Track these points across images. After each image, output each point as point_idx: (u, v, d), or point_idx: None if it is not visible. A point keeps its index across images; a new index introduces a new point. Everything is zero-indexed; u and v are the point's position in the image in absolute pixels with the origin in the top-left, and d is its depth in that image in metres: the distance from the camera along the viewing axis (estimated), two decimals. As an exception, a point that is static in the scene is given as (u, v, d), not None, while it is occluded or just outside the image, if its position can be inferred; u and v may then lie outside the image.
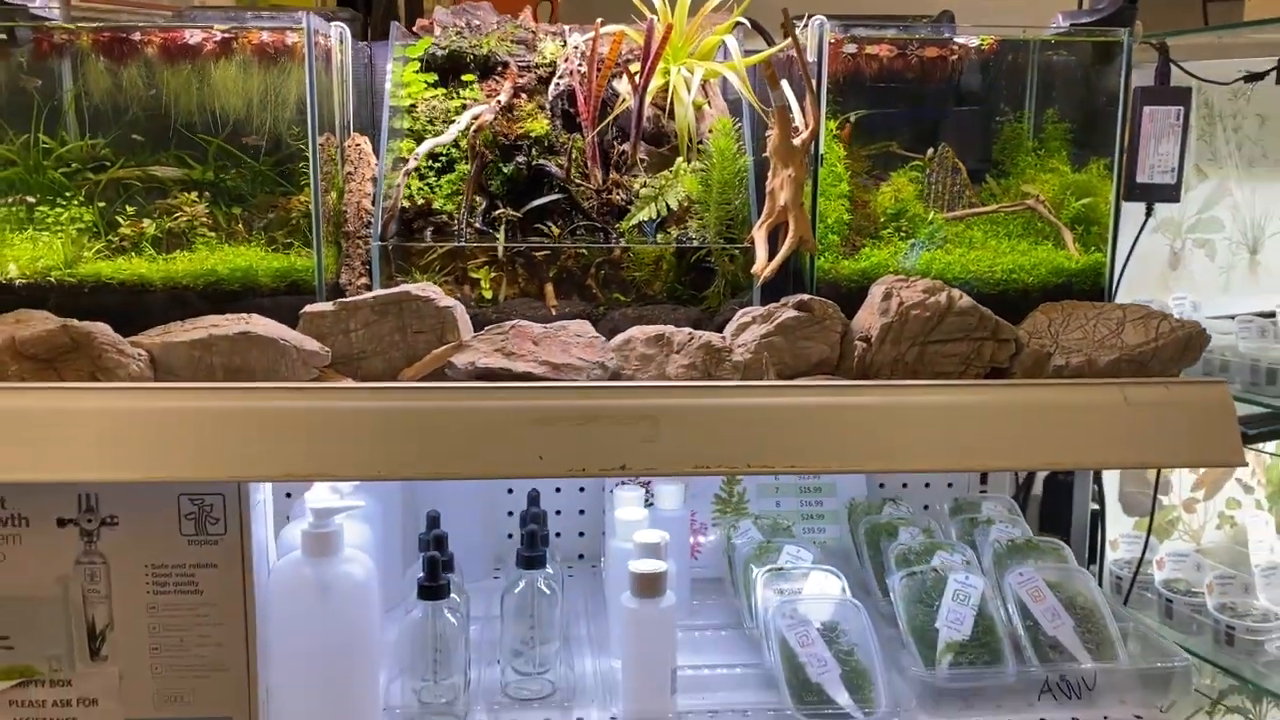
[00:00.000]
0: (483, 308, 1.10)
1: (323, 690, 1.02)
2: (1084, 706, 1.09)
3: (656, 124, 1.23)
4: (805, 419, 0.96)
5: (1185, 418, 0.98)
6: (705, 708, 1.08)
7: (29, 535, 0.96)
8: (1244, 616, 1.46)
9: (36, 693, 0.98)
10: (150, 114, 1.12)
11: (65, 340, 0.93)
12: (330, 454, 0.92)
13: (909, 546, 1.24)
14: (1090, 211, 1.18)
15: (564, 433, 0.94)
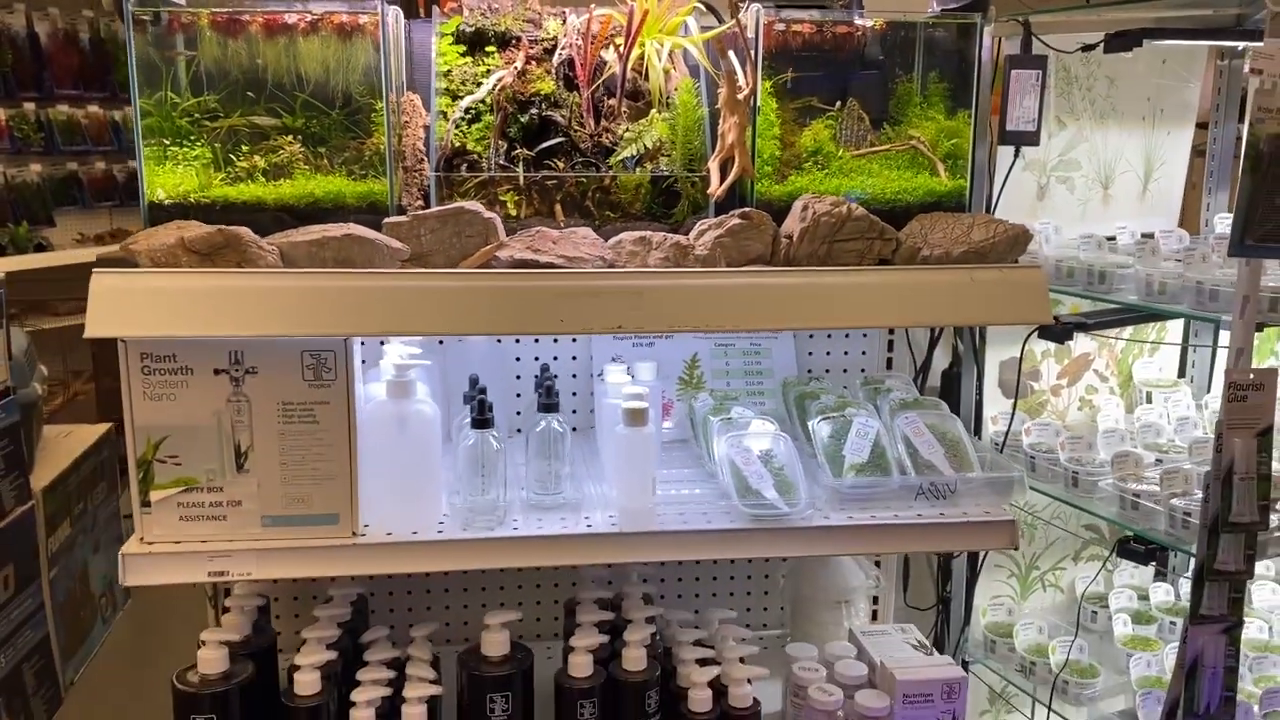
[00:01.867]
0: (509, 222, 1.48)
1: (402, 495, 1.41)
2: (948, 505, 1.51)
3: (634, 84, 1.61)
4: (746, 294, 1.36)
5: (1012, 291, 1.40)
6: (676, 509, 1.48)
7: (193, 381, 1.34)
8: (1086, 465, 1.90)
9: (197, 496, 1.36)
10: (251, 76, 1.48)
11: (220, 239, 1.30)
12: (413, 318, 1.31)
13: (826, 403, 1.65)
14: (957, 149, 1.59)
15: (577, 303, 1.33)
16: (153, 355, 1.33)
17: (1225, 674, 1.57)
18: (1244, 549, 1.53)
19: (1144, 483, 1.78)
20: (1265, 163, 1.43)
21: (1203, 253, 1.73)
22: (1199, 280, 1.67)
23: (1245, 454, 1.50)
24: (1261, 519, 1.52)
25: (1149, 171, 2.19)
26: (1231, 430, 1.49)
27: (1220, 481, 1.51)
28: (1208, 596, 1.55)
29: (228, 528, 1.37)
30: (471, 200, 1.47)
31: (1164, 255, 1.78)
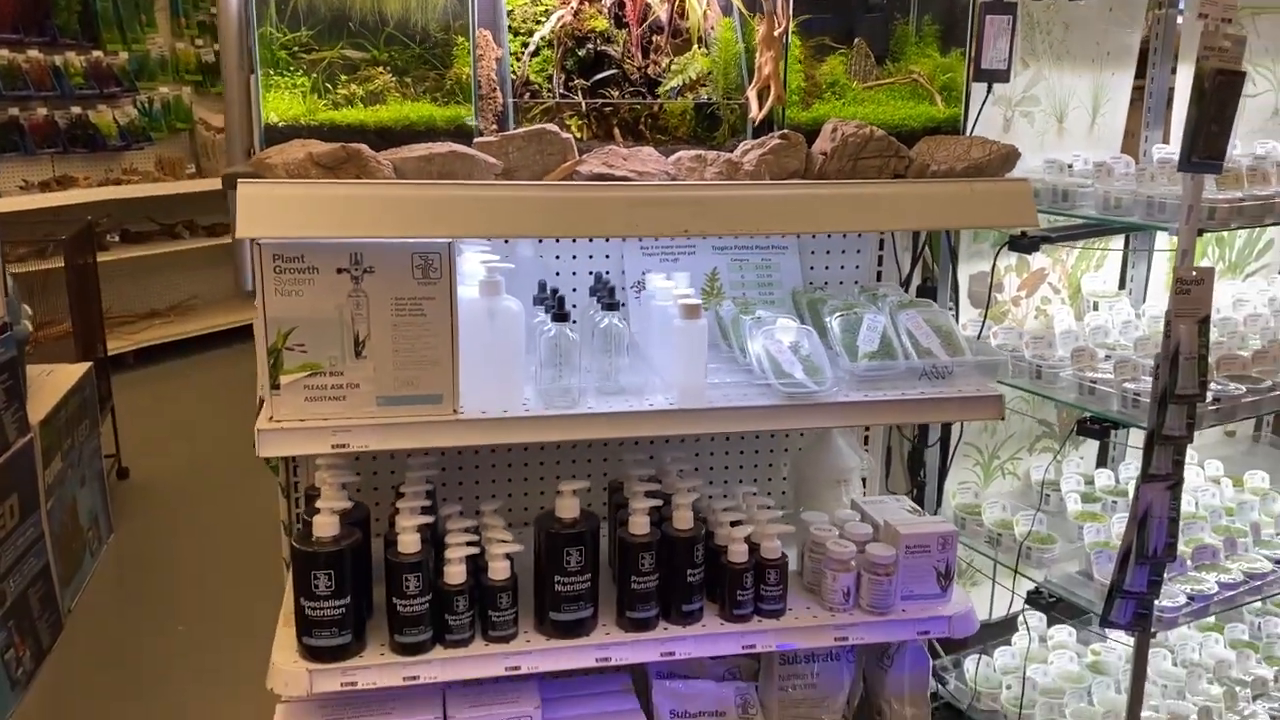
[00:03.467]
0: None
1: (493, 380, 1.64)
2: (946, 385, 1.79)
3: (674, 24, 1.84)
4: (788, 203, 1.61)
5: (1005, 199, 1.67)
6: (721, 392, 1.73)
7: (318, 279, 1.54)
8: (1048, 360, 2.21)
9: (320, 380, 1.57)
10: (338, 15, 1.67)
11: (343, 154, 1.50)
12: (509, 223, 1.53)
13: (836, 305, 1.91)
14: (951, 83, 1.86)
15: (647, 210, 1.57)
16: (284, 256, 1.53)
17: (1169, 524, 1.90)
18: (1186, 418, 1.84)
19: (1099, 372, 2.09)
20: (1208, 93, 1.73)
21: (1150, 173, 2.03)
22: (1149, 195, 1.97)
23: (1189, 338, 1.81)
24: (1200, 392, 1.83)
25: (1096, 108, 2.49)
26: (1178, 318, 1.80)
27: (1169, 361, 1.82)
28: (1156, 459, 1.86)
29: (347, 407, 1.58)
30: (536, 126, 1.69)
31: (1116, 177, 2.08)
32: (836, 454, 2.10)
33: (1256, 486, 2.49)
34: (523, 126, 1.66)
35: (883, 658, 1.97)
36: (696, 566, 1.79)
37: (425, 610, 1.68)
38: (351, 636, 1.67)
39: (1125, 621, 1.95)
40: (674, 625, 1.80)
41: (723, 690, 1.90)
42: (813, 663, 1.93)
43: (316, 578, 1.63)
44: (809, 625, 1.83)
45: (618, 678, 1.96)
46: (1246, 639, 2.60)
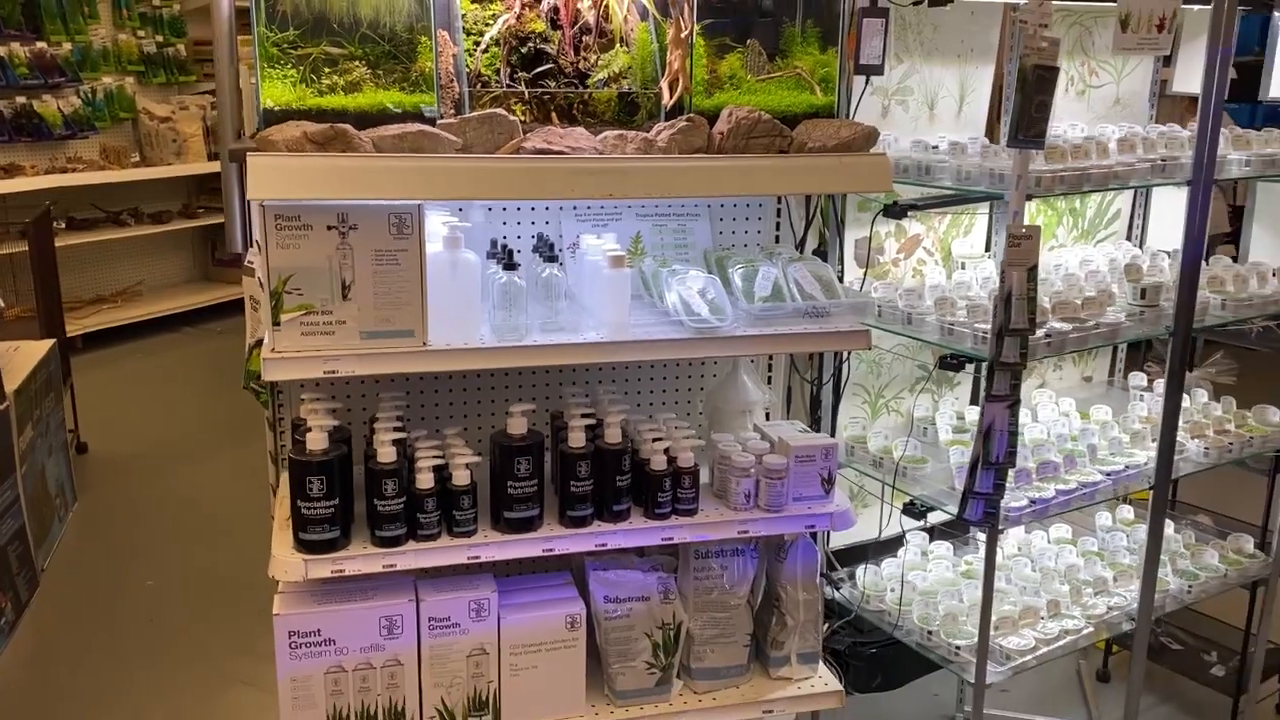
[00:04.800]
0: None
1: (457, 318, 2.00)
2: (825, 322, 2.19)
3: (600, 26, 2.22)
4: (694, 173, 2.00)
5: (868, 170, 2.08)
6: (643, 329, 2.11)
7: (312, 234, 1.89)
8: (917, 309, 2.63)
9: (314, 317, 1.91)
10: (320, 17, 2.01)
11: (331, 133, 1.85)
12: (468, 188, 1.90)
13: (739, 260, 2.31)
14: (828, 76, 2.26)
15: (581, 178, 1.94)
16: (283, 215, 1.87)
17: (1009, 436, 2.33)
18: (1019, 348, 2.27)
19: (957, 316, 2.52)
20: (1030, 85, 2.15)
21: (995, 150, 2.46)
22: (992, 168, 2.40)
23: (1019, 283, 2.23)
24: (1030, 327, 2.26)
25: (963, 96, 2.92)
26: (1010, 266, 2.23)
27: (1004, 302, 2.25)
28: (996, 381, 2.29)
29: (335, 340, 1.93)
30: (487, 110, 2.05)
31: (969, 153, 2.51)
32: (743, 388, 2.50)
33: (1100, 419, 2.94)
34: (476, 111, 2.03)
35: (780, 551, 2.37)
36: (624, 474, 2.18)
37: (400, 510, 2.04)
38: (340, 533, 2.02)
39: (977, 518, 2.38)
40: (606, 523, 2.18)
41: (647, 579, 2.28)
42: (722, 556, 2.33)
43: (310, 483, 1.98)
44: (717, 521, 2.23)
45: (560, 574, 2.34)
46: (1096, 550, 3.06)
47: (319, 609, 2.06)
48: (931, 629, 2.67)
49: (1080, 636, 2.72)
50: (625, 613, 2.26)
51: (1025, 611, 2.70)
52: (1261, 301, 2.84)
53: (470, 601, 2.14)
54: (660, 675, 2.30)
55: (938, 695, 3.49)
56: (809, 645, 2.42)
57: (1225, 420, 3.03)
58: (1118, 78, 3.20)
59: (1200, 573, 3.01)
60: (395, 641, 2.10)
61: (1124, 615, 2.80)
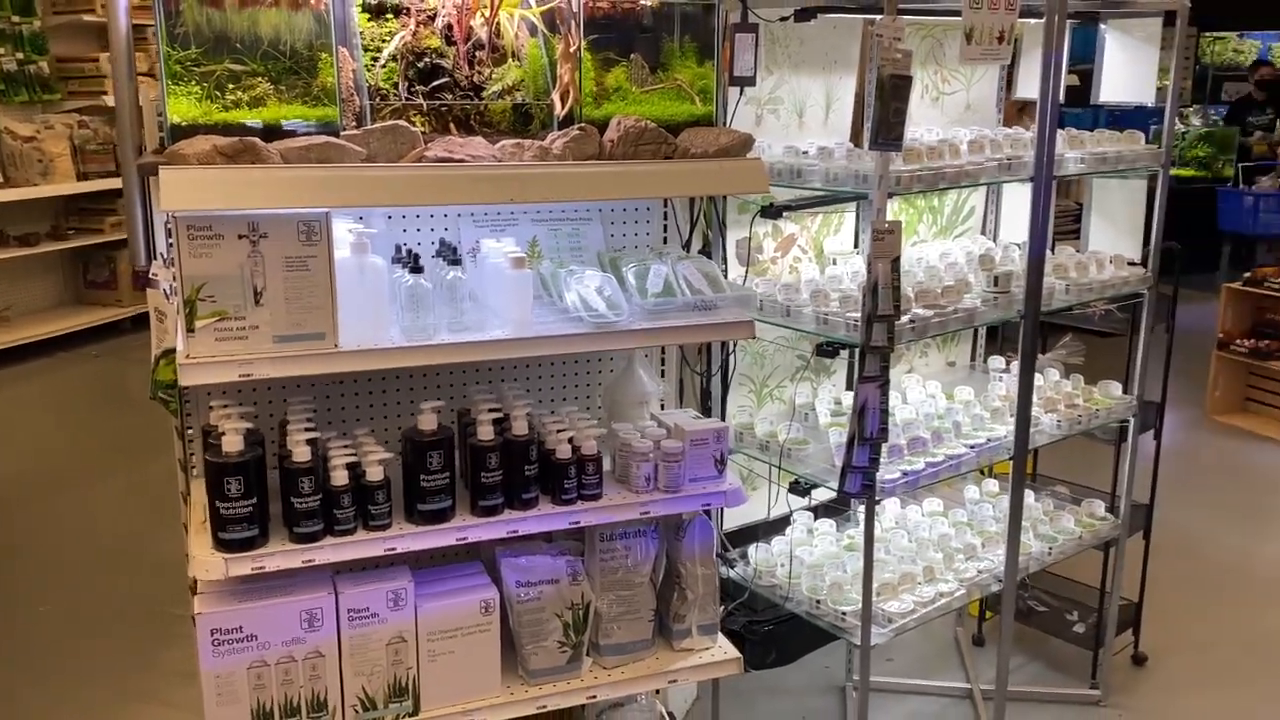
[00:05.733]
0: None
1: (367, 320, 2.10)
2: (713, 315, 2.36)
3: (493, 42, 2.35)
4: (587, 178, 2.15)
5: (745, 173, 2.26)
6: (544, 327, 2.25)
7: (223, 243, 1.96)
8: (795, 301, 2.83)
9: (228, 323, 1.99)
10: (220, 36, 2.09)
11: (241, 146, 1.94)
12: (374, 195, 2.01)
13: (633, 259, 2.46)
14: (706, 87, 2.44)
15: (482, 184, 2.07)
16: (196, 225, 1.95)
17: (881, 414, 2.54)
18: (887, 333, 2.49)
19: (831, 307, 2.73)
20: (887, 92, 2.37)
21: (860, 154, 2.68)
22: (857, 170, 2.61)
23: (885, 273, 2.45)
24: (895, 313, 2.48)
25: (829, 105, 3.14)
26: (876, 258, 2.44)
27: (871, 291, 2.46)
28: (867, 363, 2.50)
29: (249, 344, 2.01)
30: (389, 121, 2.16)
31: (836, 157, 2.72)
32: (639, 381, 2.66)
33: (963, 398, 3.20)
34: (378, 123, 2.13)
35: (678, 530, 2.54)
36: (531, 463, 2.30)
37: (317, 506, 2.12)
38: (258, 531, 2.10)
39: (855, 490, 2.59)
40: (516, 511, 2.30)
41: (556, 563, 2.41)
42: (625, 538, 2.48)
43: (228, 483, 2.05)
44: (620, 504, 2.37)
45: (472, 564, 2.45)
46: (965, 520, 3.32)
47: (240, 606, 2.12)
48: (819, 598, 2.86)
49: (954, 599, 2.96)
50: (536, 595, 2.39)
51: (904, 578, 2.93)
52: (1101, 286, 3.14)
53: (388, 591, 2.23)
54: (571, 653, 2.43)
55: (828, 667, 3.71)
56: (708, 618, 2.59)
57: (1075, 395, 3.33)
58: (968, 85, 3.48)
59: (1059, 536, 3.30)
60: (316, 634, 2.18)
61: (992, 577, 3.05)
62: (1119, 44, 3.24)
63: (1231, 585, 4.40)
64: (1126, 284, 3.23)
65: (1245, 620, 4.11)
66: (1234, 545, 4.77)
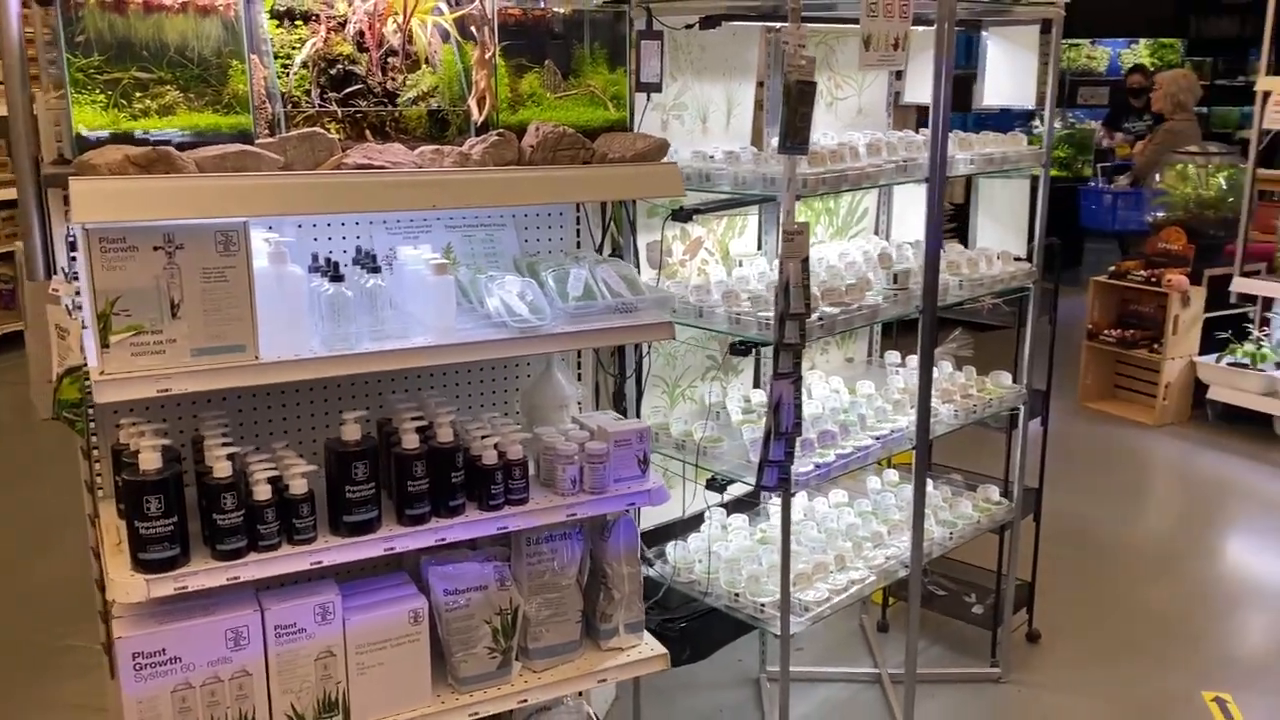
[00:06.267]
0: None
1: (287, 330, 2.07)
2: (633, 317, 2.40)
3: (405, 48, 2.34)
4: (508, 183, 2.16)
5: (662, 177, 2.31)
6: (467, 333, 2.25)
7: (138, 255, 1.91)
8: (707, 302, 2.89)
9: (144, 338, 1.93)
10: (124, 43, 2.03)
11: (154, 155, 1.89)
12: (295, 203, 1.98)
13: (551, 263, 2.48)
14: (619, 93, 2.48)
15: (404, 190, 2.06)
16: (108, 238, 1.89)
17: (795, 408, 2.62)
18: (799, 330, 2.57)
19: (743, 307, 2.79)
20: (793, 98, 2.45)
21: (765, 157, 2.75)
22: (765, 173, 2.69)
23: (796, 273, 2.53)
24: (806, 311, 2.56)
25: (730, 110, 3.22)
26: (786, 259, 2.52)
27: (783, 291, 2.53)
28: (781, 361, 2.58)
29: (167, 358, 1.96)
30: (306, 129, 2.14)
31: (744, 161, 2.79)
32: (558, 385, 2.67)
33: (865, 392, 3.32)
34: (293, 131, 2.10)
35: (603, 531, 2.56)
36: (458, 470, 2.30)
37: (241, 522, 2.08)
38: (180, 550, 2.04)
39: (772, 484, 2.66)
40: (443, 518, 2.29)
41: (484, 569, 2.41)
42: (551, 541, 2.49)
43: (148, 502, 1.99)
44: (547, 507, 2.39)
45: (398, 574, 2.43)
46: (870, 509, 3.44)
47: (162, 628, 2.06)
48: (738, 591, 2.93)
49: (865, 585, 3.07)
50: (465, 603, 2.38)
51: (817, 567, 3.02)
52: (991, 281, 3.30)
53: (315, 606, 2.20)
54: (501, 659, 2.43)
55: (741, 660, 3.78)
56: (634, 616, 2.62)
57: (968, 386, 3.48)
58: (859, 90, 3.61)
59: (959, 521, 3.44)
60: (242, 652, 2.13)
61: (899, 563, 3.17)
62: (1000, 50, 3.41)
63: (1111, 562, 4.65)
64: (1014, 279, 3.40)
65: (1126, 595, 4.36)
66: (1112, 524, 5.04)
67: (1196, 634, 4.04)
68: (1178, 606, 4.26)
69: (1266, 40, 6.07)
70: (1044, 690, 3.67)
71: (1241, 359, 6.16)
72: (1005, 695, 3.65)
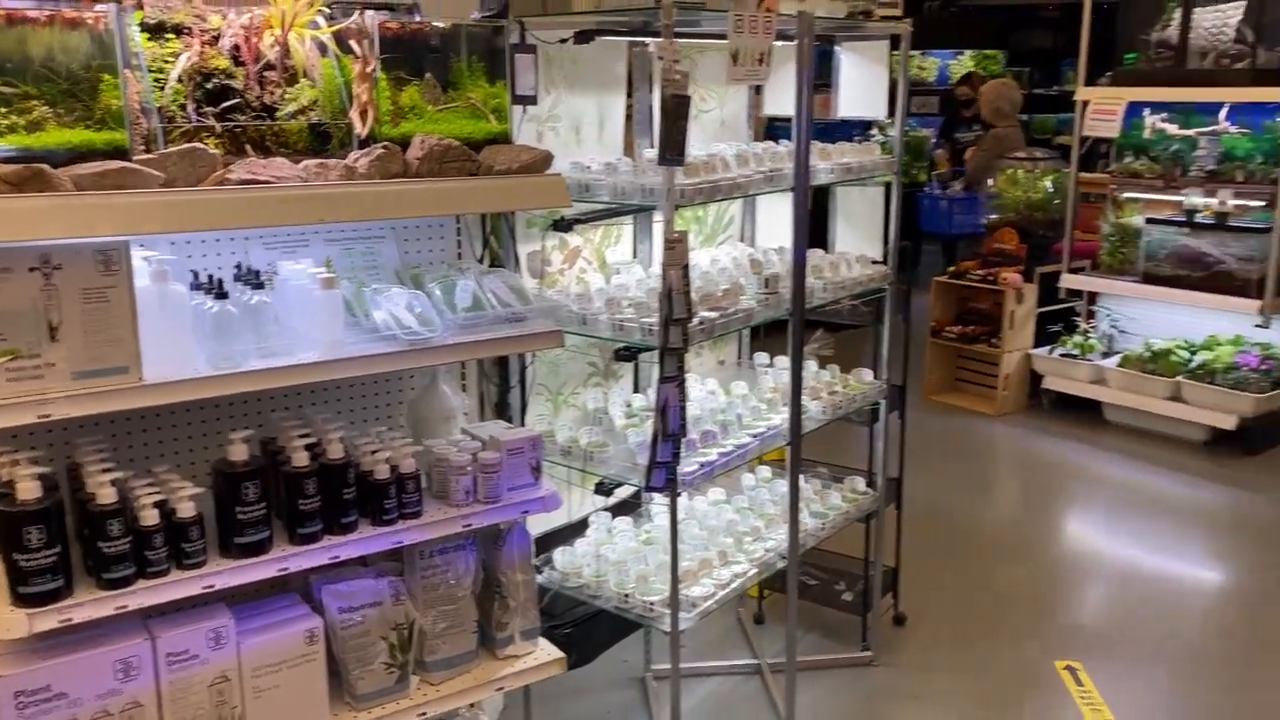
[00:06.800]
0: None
1: (171, 350, 2.01)
2: (525, 326, 2.43)
3: (283, 62, 2.31)
4: (396, 196, 2.17)
5: (548, 188, 2.35)
6: (356, 347, 2.24)
7: (12, 277, 1.83)
8: (590, 310, 2.94)
9: (21, 362, 1.85)
10: (-15, 53, 1.95)
11: (28, 173, 1.81)
12: (180, 220, 1.94)
13: (436, 275, 2.49)
14: (499, 105, 2.51)
15: (293, 204, 2.04)
16: (-22, 259, 1.81)
17: (680, 410, 2.70)
18: (682, 334, 2.65)
19: (625, 314, 2.86)
20: (669, 111, 2.53)
21: (642, 167, 2.83)
22: (643, 184, 2.77)
23: (678, 280, 2.61)
24: (689, 316, 2.65)
25: (602, 122, 3.29)
26: (668, 266, 2.60)
27: (666, 297, 2.61)
28: (666, 365, 2.66)
29: (46, 383, 1.88)
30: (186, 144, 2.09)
31: (621, 172, 2.86)
32: (444, 397, 2.68)
33: (739, 393, 3.43)
34: (171, 147, 2.05)
35: (497, 540, 2.59)
36: (349, 486, 2.28)
37: (127, 549, 2.01)
38: (63, 581, 1.96)
39: (660, 485, 2.73)
40: (336, 536, 2.27)
41: (379, 585, 2.40)
42: (445, 553, 2.50)
43: (28, 533, 1.91)
44: (442, 519, 2.40)
45: (288, 595, 2.39)
46: (747, 505, 3.56)
47: (46, 663, 1.98)
48: (628, 592, 2.99)
49: (747, 578, 3.18)
50: (361, 620, 2.37)
51: (702, 564, 3.11)
52: (852, 283, 3.47)
53: (208, 631, 2.15)
54: (399, 674, 2.43)
55: (626, 661, 3.84)
56: (530, 622, 2.65)
57: (834, 384, 3.64)
58: (721, 104, 3.73)
59: (830, 512, 3.60)
60: (133, 683, 2.06)
61: (777, 555, 3.30)
62: (853, 64, 3.59)
63: (966, 545, 4.93)
64: (872, 281, 3.58)
65: (981, 575, 4.63)
66: (964, 509, 5.34)
67: (1046, 608, 4.33)
68: (1028, 583, 4.55)
69: (1083, 53, 6.55)
70: (913, 670, 3.86)
71: (1071, 350, 6.62)
72: (878, 677, 3.83)
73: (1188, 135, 6.31)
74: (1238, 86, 5.89)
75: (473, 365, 2.87)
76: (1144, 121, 6.49)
